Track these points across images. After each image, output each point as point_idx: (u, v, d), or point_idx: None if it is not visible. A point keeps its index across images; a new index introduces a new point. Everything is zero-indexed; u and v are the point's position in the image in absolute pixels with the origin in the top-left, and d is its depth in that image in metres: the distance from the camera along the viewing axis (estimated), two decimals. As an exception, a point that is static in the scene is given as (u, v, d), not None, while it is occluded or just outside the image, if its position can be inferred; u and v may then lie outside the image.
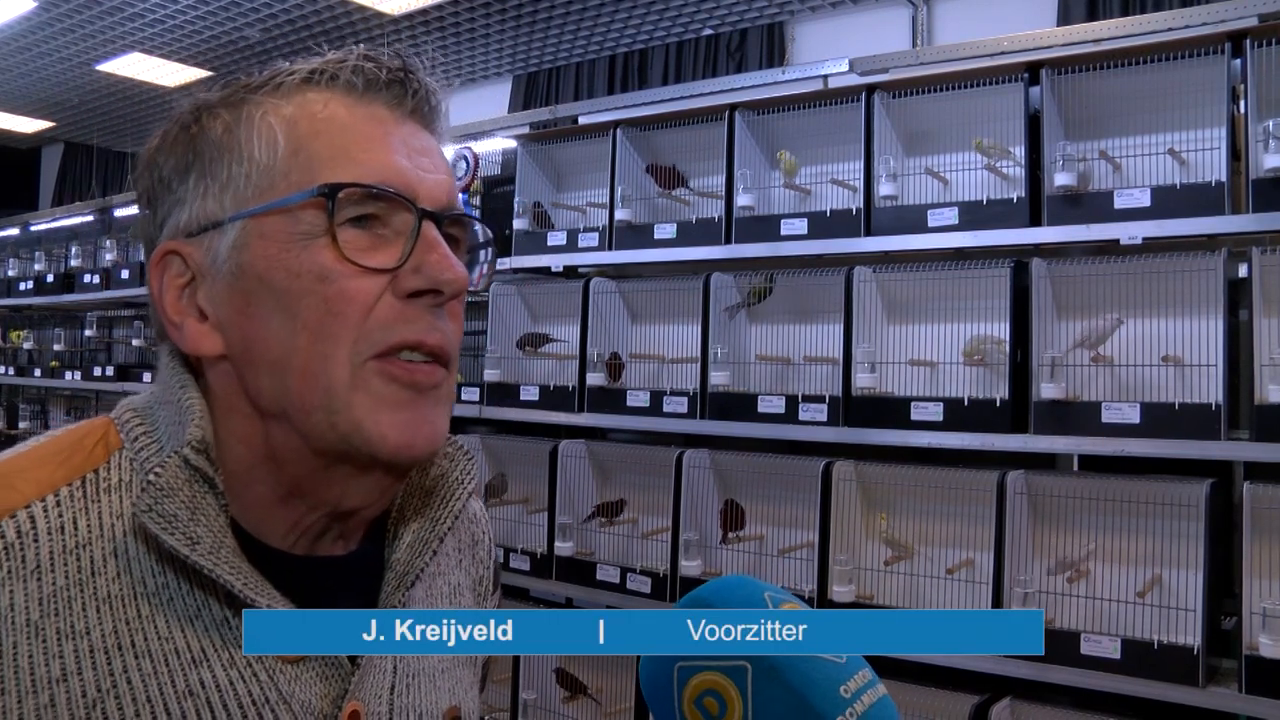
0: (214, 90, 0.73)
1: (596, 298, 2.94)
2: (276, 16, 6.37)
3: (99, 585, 0.65)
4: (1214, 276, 2.10)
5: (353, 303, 0.67)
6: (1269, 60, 2.09)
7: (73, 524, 0.66)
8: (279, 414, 0.68)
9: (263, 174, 0.68)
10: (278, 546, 0.72)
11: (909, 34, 5.60)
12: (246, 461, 0.70)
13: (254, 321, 0.68)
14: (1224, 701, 1.99)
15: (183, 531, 0.65)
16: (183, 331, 0.70)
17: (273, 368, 0.67)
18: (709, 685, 0.61)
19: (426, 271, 0.68)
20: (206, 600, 0.67)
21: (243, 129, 0.69)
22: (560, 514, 2.92)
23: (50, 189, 10.52)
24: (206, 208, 0.69)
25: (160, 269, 0.71)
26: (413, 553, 0.76)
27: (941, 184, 2.55)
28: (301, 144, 0.69)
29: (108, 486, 0.68)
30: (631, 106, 3.66)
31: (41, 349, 5.51)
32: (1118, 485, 2.20)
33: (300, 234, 0.67)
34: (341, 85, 0.70)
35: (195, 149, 0.70)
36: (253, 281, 0.68)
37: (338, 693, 0.71)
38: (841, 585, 2.39)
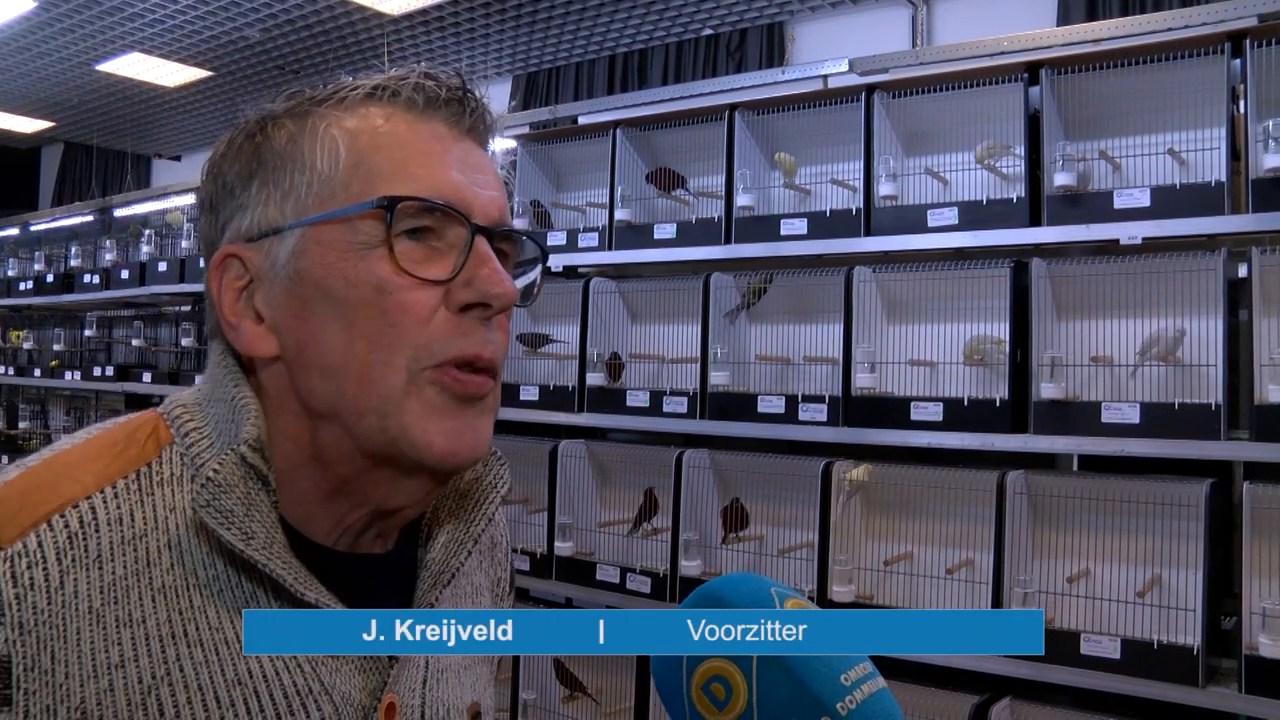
0: (279, 101, 0.75)
1: (596, 297, 2.95)
2: (276, 16, 6.37)
3: (154, 576, 0.68)
4: (1214, 276, 2.11)
5: (408, 314, 0.69)
6: (1269, 60, 2.09)
7: (130, 516, 0.69)
8: (330, 415, 0.71)
9: (324, 184, 0.71)
10: (321, 542, 0.74)
11: (909, 34, 5.60)
12: (293, 459, 0.72)
13: (310, 326, 0.70)
14: (1224, 701, 1.99)
15: (238, 526, 0.67)
16: (239, 332, 0.72)
17: (327, 371, 0.70)
18: (716, 672, 0.64)
19: (478, 285, 0.70)
20: (255, 593, 0.70)
21: (306, 139, 0.72)
22: (560, 514, 2.92)
23: (50, 189, 10.52)
24: (268, 214, 0.72)
25: (220, 271, 0.73)
26: (448, 553, 0.79)
27: (941, 184, 2.55)
28: (362, 157, 0.71)
29: (160, 480, 0.71)
30: (631, 106, 3.65)
31: (41, 349, 5.51)
32: (1118, 485, 2.20)
33: (358, 244, 0.69)
34: (403, 102, 0.73)
35: (259, 157, 0.73)
36: (310, 288, 0.70)
37: (375, 685, 0.74)
38: (841, 585, 2.39)
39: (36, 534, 0.66)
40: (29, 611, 0.64)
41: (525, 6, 6.08)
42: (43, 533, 0.66)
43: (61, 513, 0.67)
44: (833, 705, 0.61)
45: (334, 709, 0.71)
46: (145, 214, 5.01)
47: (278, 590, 0.70)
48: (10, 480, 0.69)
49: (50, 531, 0.66)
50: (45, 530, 0.66)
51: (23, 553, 0.65)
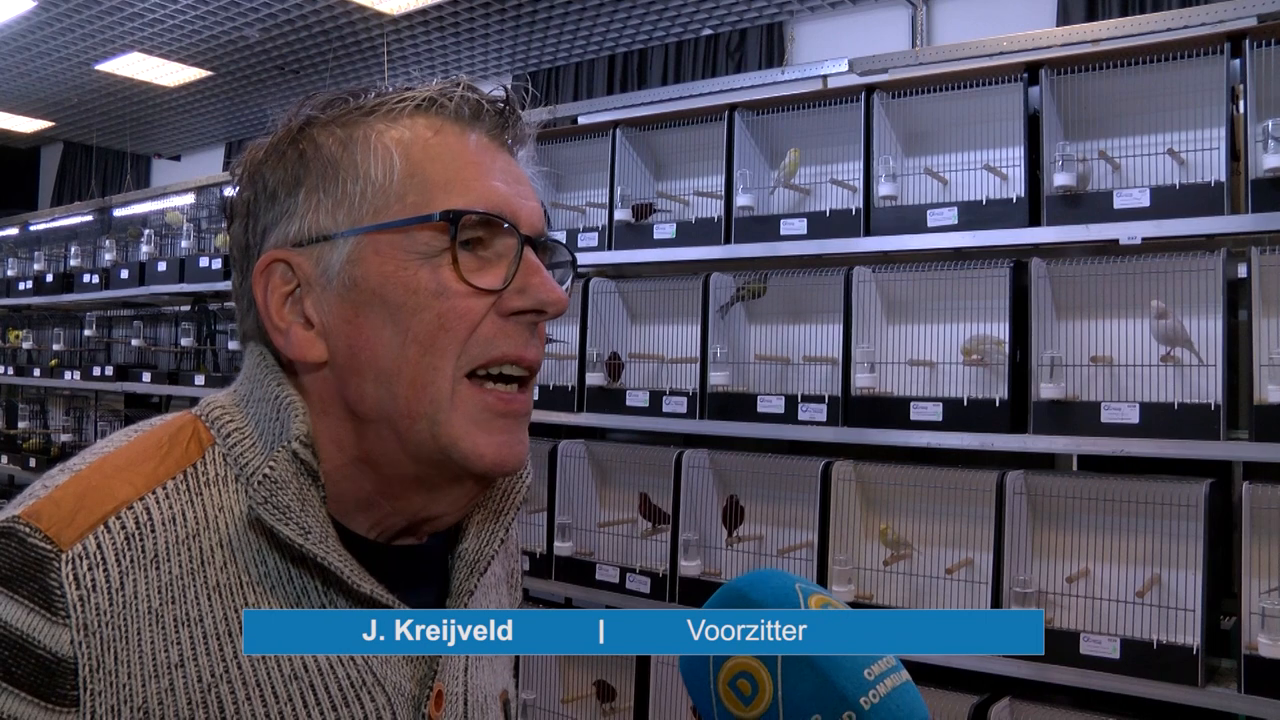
0: (320, 107, 0.76)
1: (596, 297, 2.95)
2: (276, 16, 6.37)
3: (209, 574, 0.69)
4: (1213, 276, 2.11)
5: (463, 319, 0.71)
6: (1268, 60, 2.09)
7: (182, 515, 0.70)
8: (380, 419, 0.72)
9: (378, 193, 0.72)
10: (366, 536, 0.76)
11: (908, 34, 5.60)
12: (336, 461, 0.74)
13: (363, 331, 0.72)
14: (1223, 701, 1.99)
15: (296, 521, 0.69)
16: (288, 337, 0.73)
17: (380, 376, 0.71)
18: (742, 668, 0.65)
19: (532, 293, 0.73)
20: (305, 588, 0.72)
21: (359, 149, 0.73)
22: (560, 514, 2.92)
23: (49, 189, 10.52)
24: (319, 221, 0.73)
25: (265, 276, 0.74)
26: (480, 541, 0.81)
27: (941, 184, 2.55)
28: (416, 167, 0.73)
29: (207, 480, 0.72)
30: (631, 106, 3.66)
31: (40, 348, 5.51)
32: (1117, 485, 2.20)
33: (417, 253, 0.71)
34: (450, 114, 0.75)
35: (305, 164, 0.74)
36: (366, 294, 0.72)
37: (422, 674, 0.76)
38: (841, 585, 2.39)
39: (95, 536, 0.66)
40: (92, 613, 0.65)
41: (525, 6, 6.08)
42: (100, 534, 0.67)
43: (117, 514, 0.68)
44: (856, 699, 0.62)
45: (386, 699, 0.73)
46: (145, 214, 5.01)
47: (328, 583, 0.72)
48: (62, 485, 0.69)
49: (108, 533, 0.67)
50: (103, 532, 0.67)
51: (83, 555, 0.66)
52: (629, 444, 3.02)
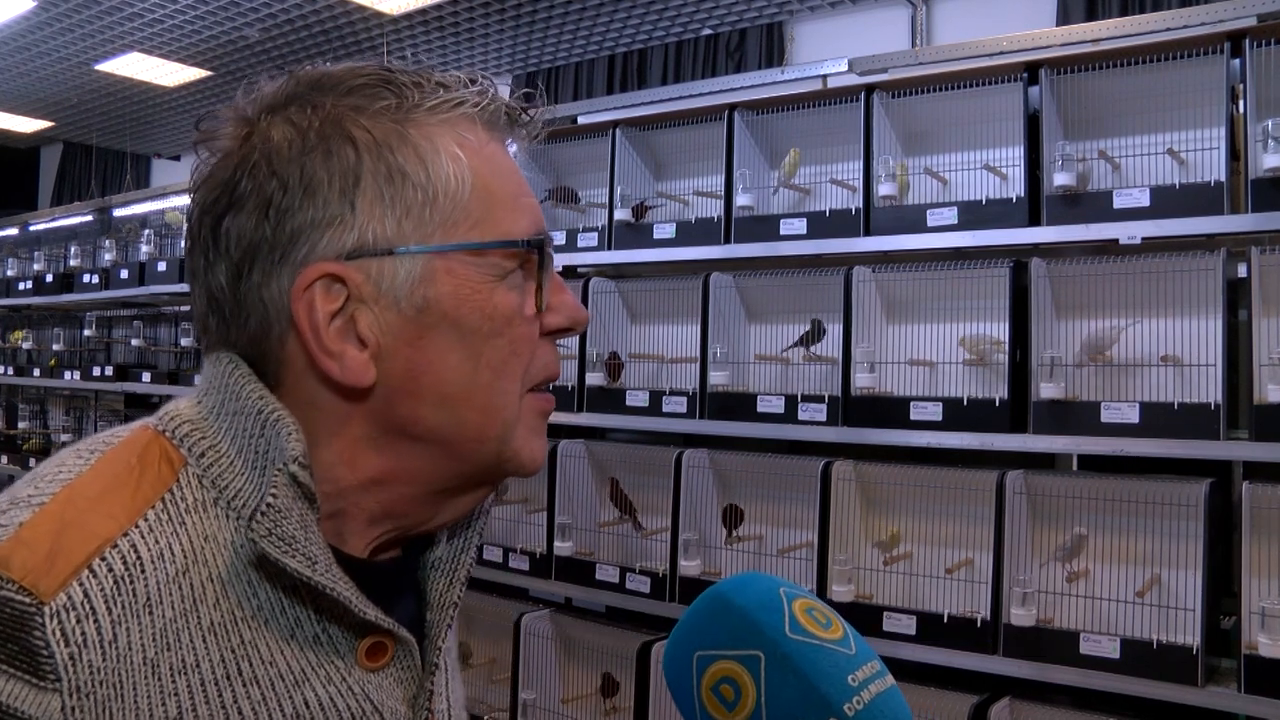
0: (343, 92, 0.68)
1: (596, 297, 2.95)
2: (276, 16, 6.37)
3: (202, 613, 0.63)
4: (1213, 276, 2.11)
5: (528, 344, 0.71)
6: (1268, 60, 2.09)
7: (169, 550, 0.63)
8: (434, 441, 0.69)
9: (449, 206, 0.67)
10: (353, 554, 0.72)
11: (908, 34, 5.60)
12: (344, 482, 0.68)
13: (427, 354, 0.67)
14: (1223, 701, 1.99)
15: (301, 552, 0.63)
16: (343, 362, 0.66)
17: (443, 400, 0.68)
18: (725, 673, 0.65)
19: (566, 313, 0.73)
20: (299, 618, 0.66)
21: (427, 153, 0.67)
22: (559, 514, 2.92)
23: (49, 189, 10.52)
24: (383, 231, 0.66)
25: (310, 291, 0.65)
26: (455, 549, 0.78)
27: (941, 184, 2.55)
28: (485, 182, 0.69)
29: (187, 507, 0.65)
30: (631, 106, 3.65)
31: (40, 349, 5.51)
32: (1117, 485, 2.20)
33: (490, 275, 0.68)
34: (499, 123, 0.72)
35: (364, 161, 0.66)
36: (435, 316, 0.67)
37: (412, 695, 0.72)
38: (840, 585, 2.39)
39: (80, 582, 0.58)
40: (85, 673, 0.57)
41: (525, 6, 6.08)
42: (86, 580, 0.59)
43: (102, 554, 0.60)
44: (840, 706, 0.62)
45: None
46: (144, 214, 5.01)
47: (320, 610, 0.66)
48: (29, 522, 0.60)
49: (94, 578, 0.59)
50: (89, 577, 0.59)
51: (69, 606, 0.57)
52: (629, 444, 3.02)
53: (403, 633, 0.70)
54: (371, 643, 0.69)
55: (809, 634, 0.65)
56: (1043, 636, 2.14)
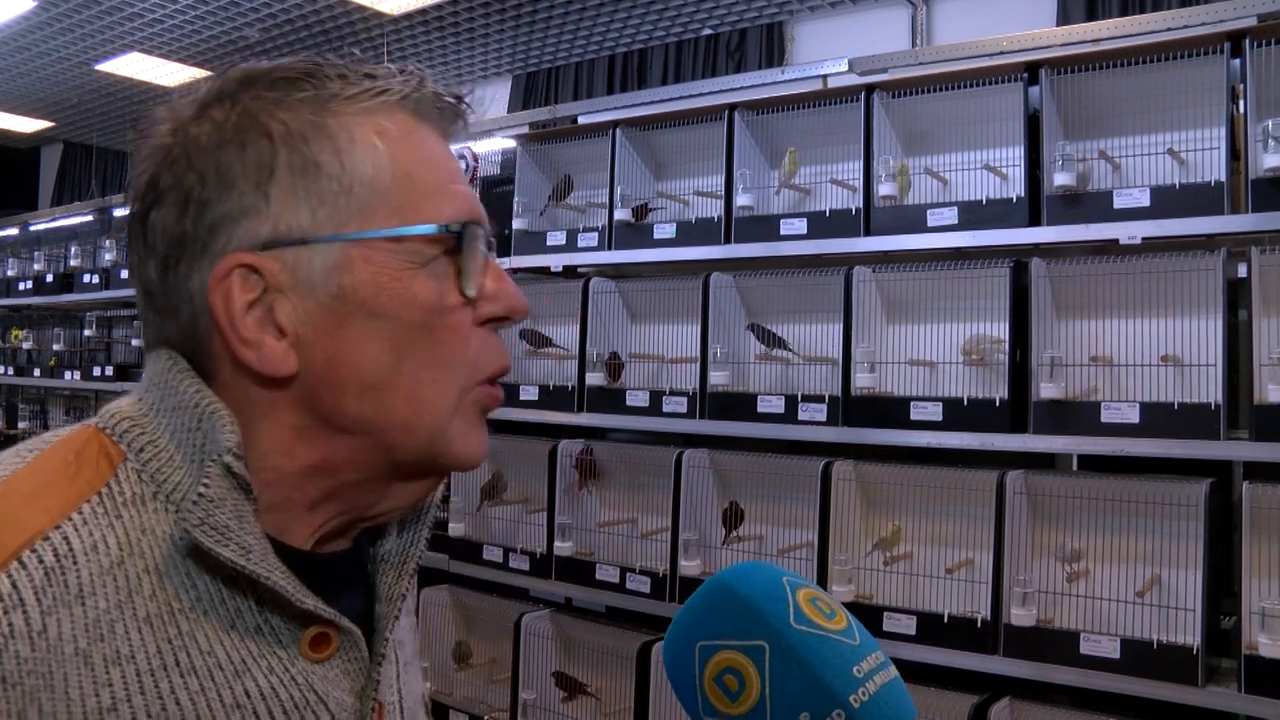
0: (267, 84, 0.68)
1: (596, 297, 2.95)
2: (276, 16, 6.37)
3: (138, 605, 0.63)
4: (1213, 276, 2.11)
5: (458, 333, 0.69)
6: (1268, 60, 2.09)
7: (104, 542, 0.63)
8: (360, 431, 0.69)
9: (366, 195, 0.67)
10: (297, 546, 0.72)
11: (908, 34, 5.60)
12: (283, 470, 0.69)
13: (346, 344, 0.67)
14: (1223, 701, 1.99)
15: (235, 542, 0.64)
16: (260, 351, 0.66)
17: (364, 390, 0.68)
18: (728, 663, 0.64)
19: (504, 300, 0.72)
20: (240, 609, 0.67)
21: (343, 142, 0.68)
22: (560, 514, 2.92)
23: (49, 189, 10.51)
24: (297, 220, 0.66)
25: (226, 281, 0.66)
26: (405, 542, 0.78)
27: (941, 184, 2.55)
28: (405, 170, 0.69)
29: (125, 501, 0.66)
30: (631, 106, 3.66)
31: (41, 349, 5.51)
32: (1117, 485, 2.20)
33: (409, 263, 0.68)
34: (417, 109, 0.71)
35: (278, 153, 0.67)
36: (352, 305, 0.67)
37: (360, 686, 0.72)
38: (841, 585, 2.39)
39: (9, 574, 0.59)
40: (12, 662, 0.58)
41: (525, 6, 6.08)
42: (15, 572, 0.60)
43: (32, 547, 0.61)
44: (845, 697, 0.61)
45: (331, 718, 0.69)
46: (145, 214, 5.00)
47: (262, 601, 0.67)
48: None
49: (24, 570, 0.60)
50: (18, 569, 0.60)
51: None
52: (629, 444, 3.02)
53: (345, 623, 0.70)
54: (315, 633, 0.69)
55: (814, 624, 0.64)
56: (1043, 636, 2.14)
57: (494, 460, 3.23)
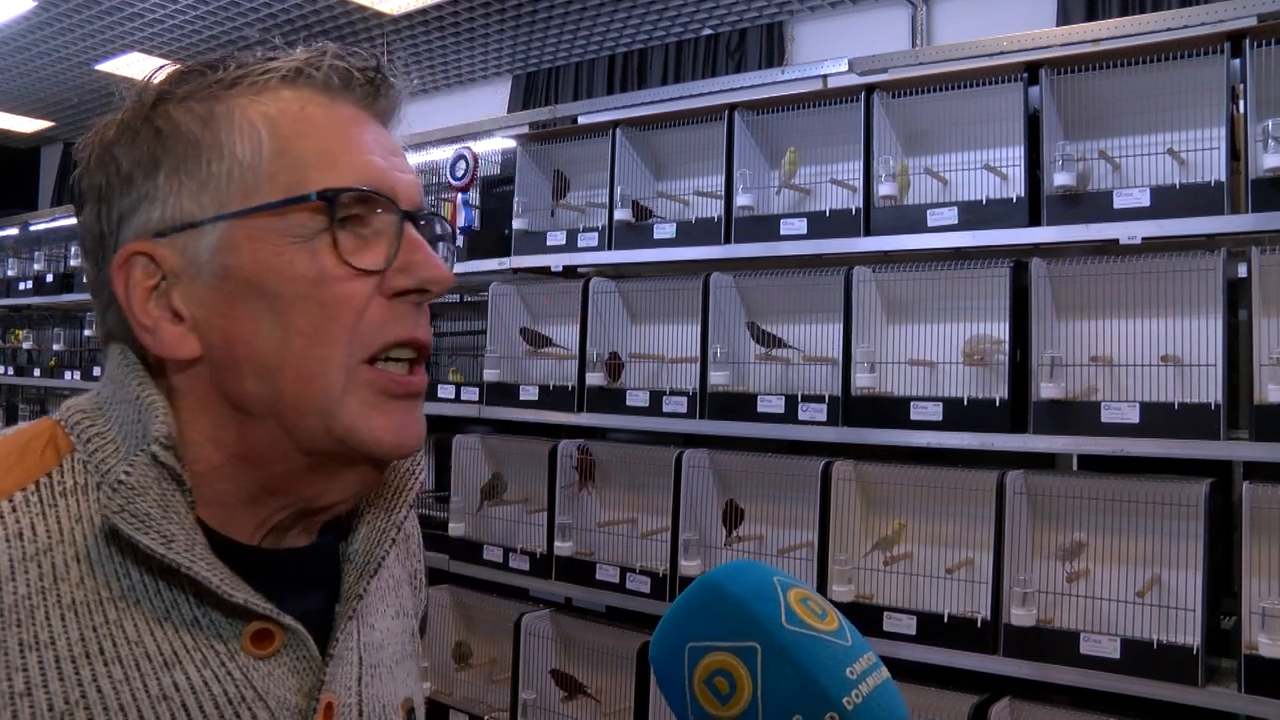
0: (173, 80, 0.70)
1: (596, 297, 2.94)
2: (276, 16, 6.37)
3: (63, 592, 0.64)
4: (1213, 276, 2.11)
5: (348, 306, 0.67)
6: (1268, 60, 2.09)
7: (30, 530, 0.64)
8: (266, 415, 0.68)
9: (246, 174, 0.67)
10: (244, 541, 0.72)
11: (908, 34, 5.60)
12: (214, 460, 0.69)
13: (239, 324, 0.67)
14: (1223, 701, 1.99)
15: (156, 530, 0.64)
16: (157, 335, 0.68)
17: (261, 371, 0.67)
18: (719, 665, 0.63)
19: (415, 271, 0.69)
20: (176, 600, 0.67)
21: (222, 126, 0.68)
22: (560, 514, 2.92)
23: (49, 189, 10.51)
24: (182, 207, 0.68)
25: (125, 270, 0.68)
26: (371, 543, 0.77)
27: (941, 184, 2.55)
28: (287, 144, 0.68)
29: (64, 490, 0.67)
30: (631, 106, 3.66)
31: (40, 349, 5.51)
32: (1117, 485, 2.20)
33: (292, 236, 0.67)
34: (319, 84, 0.71)
35: (163, 144, 0.68)
36: (239, 284, 0.67)
37: (310, 686, 0.71)
38: (841, 585, 2.39)
39: None
40: None
41: (525, 6, 6.08)
42: None
43: None
44: (839, 700, 0.60)
45: (270, 714, 0.68)
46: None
47: (200, 594, 0.67)
48: None
49: None
50: None
51: None
52: (629, 444, 3.02)
53: (287, 620, 0.69)
54: (256, 629, 0.68)
55: (806, 625, 0.63)
56: (1043, 636, 2.14)
57: (494, 460, 3.23)
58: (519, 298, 3.22)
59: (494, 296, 3.17)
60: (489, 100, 7.29)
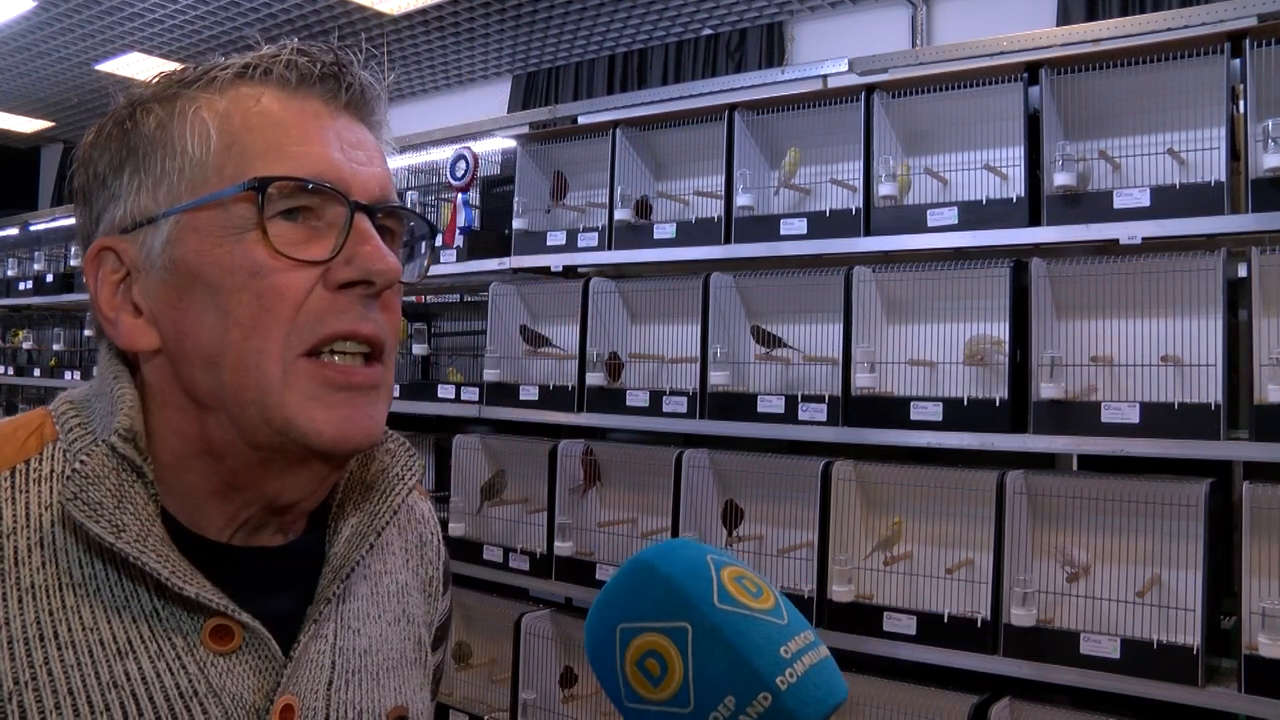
0: (146, 84, 0.73)
1: (596, 297, 2.94)
2: (276, 16, 6.37)
3: (22, 575, 0.65)
4: (1213, 276, 2.10)
5: (284, 297, 0.68)
6: (1268, 60, 2.09)
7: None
8: (215, 406, 0.69)
9: (195, 168, 0.69)
10: (214, 538, 0.72)
11: (908, 34, 5.60)
12: (180, 453, 0.71)
13: (187, 316, 0.69)
14: (1223, 701, 1.99)
15: (108, 519, 0.65)
16: (118, 327, 0.71)
17: (206, 362, 0.68)
18: (650, 646, 0.61)
19: (358, 263, 0.69)
20: (135, 591, 0.68)
21: (175, 123, 0.70)
22: (560, 514, 2.91)
23: (49, 189, 10.51)
24: (140, 203, 0.70)
25: (95, 265, 0.71)
26: (349, 546, 0.77)
27: (941, 184, 2.55)
28: (234, 138, 0.69)
29: (38, 477, 0.69)
30: (631, 106, 3.66)
31: (40, 349, 5.51)
32: (1117, 485, 2.20)
33: (233, 228, 0.68)
34: (275, 80, 0.71)
35: (129, 144, 0.71)
36: (185, 277, 0.68)
37: (270, 686, 0.71)
38: (841, 585, 2.39)
39: None
40: None
41: (525, 6, 6.08)
42: None
43: None
44: (772, 679, 0.59)
45: (223, 712, 0.68)
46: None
47: (159, 587, 0.67)
48: None
49: None
50: None
51: None
52: (629, 444, 3.02)
53: (244, 617, 0.69)
54: (215, 624, 0.69)
55: (739, 603, 0.61)
56: (1043, 636, 2.14)
57: (494, 460, 3.23)
58: (519, 298, 3.22)
59: (494, 296, 3.17)
60: (489, 100, 7.29)
